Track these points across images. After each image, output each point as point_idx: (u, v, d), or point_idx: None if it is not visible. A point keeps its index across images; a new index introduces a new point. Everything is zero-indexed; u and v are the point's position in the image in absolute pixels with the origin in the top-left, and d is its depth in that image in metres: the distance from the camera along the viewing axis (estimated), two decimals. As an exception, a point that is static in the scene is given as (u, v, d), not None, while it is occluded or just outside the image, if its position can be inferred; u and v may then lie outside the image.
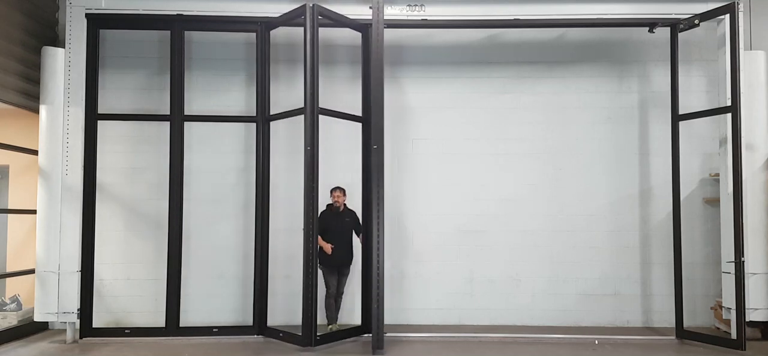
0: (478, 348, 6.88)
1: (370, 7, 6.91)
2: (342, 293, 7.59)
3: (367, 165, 7.35)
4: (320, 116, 6.91)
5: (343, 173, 7.68)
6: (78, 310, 7.12)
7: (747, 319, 6.83)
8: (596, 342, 7.20)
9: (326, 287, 7.41)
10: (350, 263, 7.56)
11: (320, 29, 6.99)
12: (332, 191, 7.46)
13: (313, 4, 6.90)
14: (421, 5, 7.50)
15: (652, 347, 7.06)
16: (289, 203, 7.84)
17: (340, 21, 7.24)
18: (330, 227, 7.36)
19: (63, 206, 7.09)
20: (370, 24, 7.00)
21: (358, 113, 7.52)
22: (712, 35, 7.75)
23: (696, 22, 7.29)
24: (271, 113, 7.54)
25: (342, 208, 7.48)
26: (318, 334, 6.79)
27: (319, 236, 7.06)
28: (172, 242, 7.39)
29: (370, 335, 6.80)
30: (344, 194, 7.48)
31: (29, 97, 7.38)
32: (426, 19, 7.48)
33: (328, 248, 7.26)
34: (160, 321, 7.43)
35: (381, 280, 6.65)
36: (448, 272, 7.99)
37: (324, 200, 7.30)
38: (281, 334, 7.11)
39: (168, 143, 7.46)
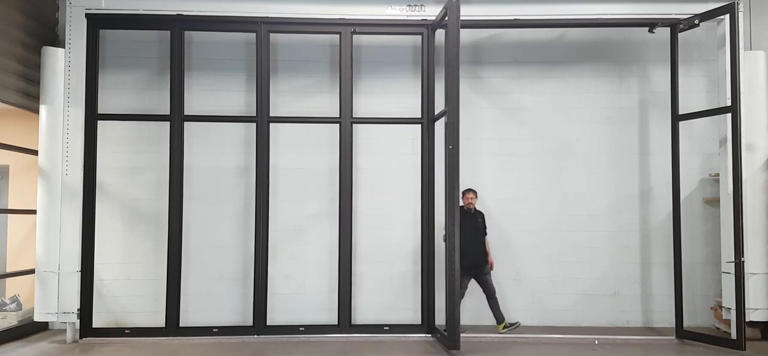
0: (478, 348, 6.87)
1: (445, 7, 6.94)
2: (494, 291, 7.60)
3: (429, 167, 7.52)
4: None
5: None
6: (78, 310, 7.12)
7: (747, 319, 6.83)
8: (596, 342, 7.20)
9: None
10: (486, 264, 7.61)
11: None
12: (464, 192, 7.52)
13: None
14: (421, 5, 7.51)
15: (652, 347, 7.06)
16: (290, 202, 7.86)
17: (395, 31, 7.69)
18: (463, 228, 7.39)
19: (63, 206, 7.09)
20: (426, 26, 7.51)
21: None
22: (712, 35, 7.75)
23: (696, 22, 7.29)
24: (271, 115, 7.60)
25: (472, 210, 7.58)
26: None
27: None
28: (172, 242, 7.40)
29: (428, 335, 7.37)
30: (476, 196, 7.63)
31: (29, 97, 7.38)
32: (426, 19, 7.50)
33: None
34: (160, 321, 7.43)
35: (456, 279, 6.64)
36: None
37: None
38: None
39: (168, 143, 7.47)
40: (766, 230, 7.19)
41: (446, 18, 6.86)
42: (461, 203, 7.56)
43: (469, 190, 7.62)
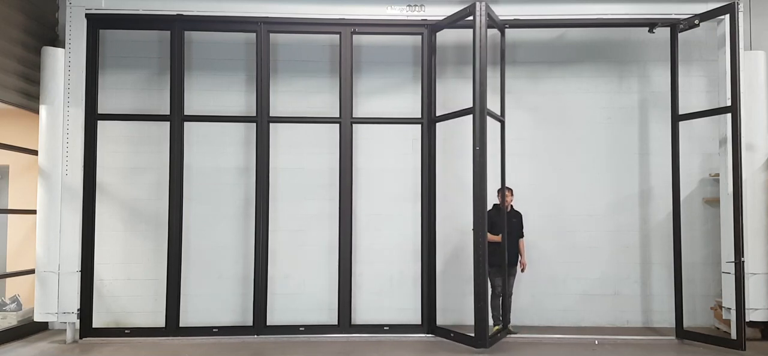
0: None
1: (470, 13, 6.95)
2: (511, 293, 7.58)
3: (429, 167, 7.57)
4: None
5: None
6: (78, 310, 7.12)
7: (747, 319, 6.84)
8: (596, 342, 7.20)
9: (492, 288, 7.39)
10: (516, 264, 7.61)
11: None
12: (499, 191, 7.52)
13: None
14: (421, 5, 7.51)
15: (652, 347, 7.06)
16: (290, 202, 7.86)
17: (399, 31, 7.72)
18: (496, 227, 7.39)
19: (63, 206, 7.09)
20: (426, 26, 7.54)
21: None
22: (712, 35, 7.75)
23: (696, 22, 7.29)
24: (271, 115, 7.60)
25: (509, 208, 7.55)
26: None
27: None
28: (172, 242, 7.40)
29: (429, 334, 7.41)
30: (512, 195, 7.59)
31: (29, 97, 7.38)
32: (426, 19, 7.50)
33: (497, 238, 7.27)
34: (160, 321, 7.43)
35: (483, 279, 6.71)
36: (449, 272, 7.99)
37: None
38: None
39: (168, 143, 7.47)
40: (766, 230, 7.19)
41: (470, 17, 6.93)
42: (497, 201, 7.57)
43: (506, 188, 7.59)
